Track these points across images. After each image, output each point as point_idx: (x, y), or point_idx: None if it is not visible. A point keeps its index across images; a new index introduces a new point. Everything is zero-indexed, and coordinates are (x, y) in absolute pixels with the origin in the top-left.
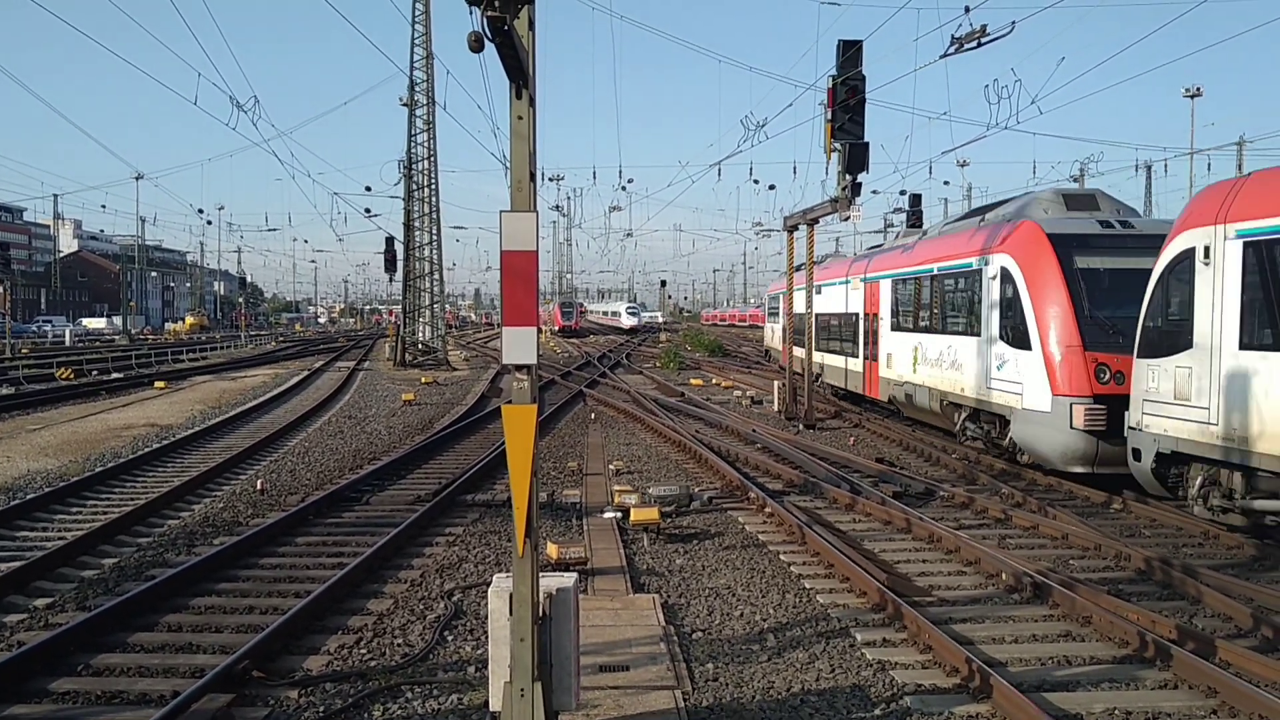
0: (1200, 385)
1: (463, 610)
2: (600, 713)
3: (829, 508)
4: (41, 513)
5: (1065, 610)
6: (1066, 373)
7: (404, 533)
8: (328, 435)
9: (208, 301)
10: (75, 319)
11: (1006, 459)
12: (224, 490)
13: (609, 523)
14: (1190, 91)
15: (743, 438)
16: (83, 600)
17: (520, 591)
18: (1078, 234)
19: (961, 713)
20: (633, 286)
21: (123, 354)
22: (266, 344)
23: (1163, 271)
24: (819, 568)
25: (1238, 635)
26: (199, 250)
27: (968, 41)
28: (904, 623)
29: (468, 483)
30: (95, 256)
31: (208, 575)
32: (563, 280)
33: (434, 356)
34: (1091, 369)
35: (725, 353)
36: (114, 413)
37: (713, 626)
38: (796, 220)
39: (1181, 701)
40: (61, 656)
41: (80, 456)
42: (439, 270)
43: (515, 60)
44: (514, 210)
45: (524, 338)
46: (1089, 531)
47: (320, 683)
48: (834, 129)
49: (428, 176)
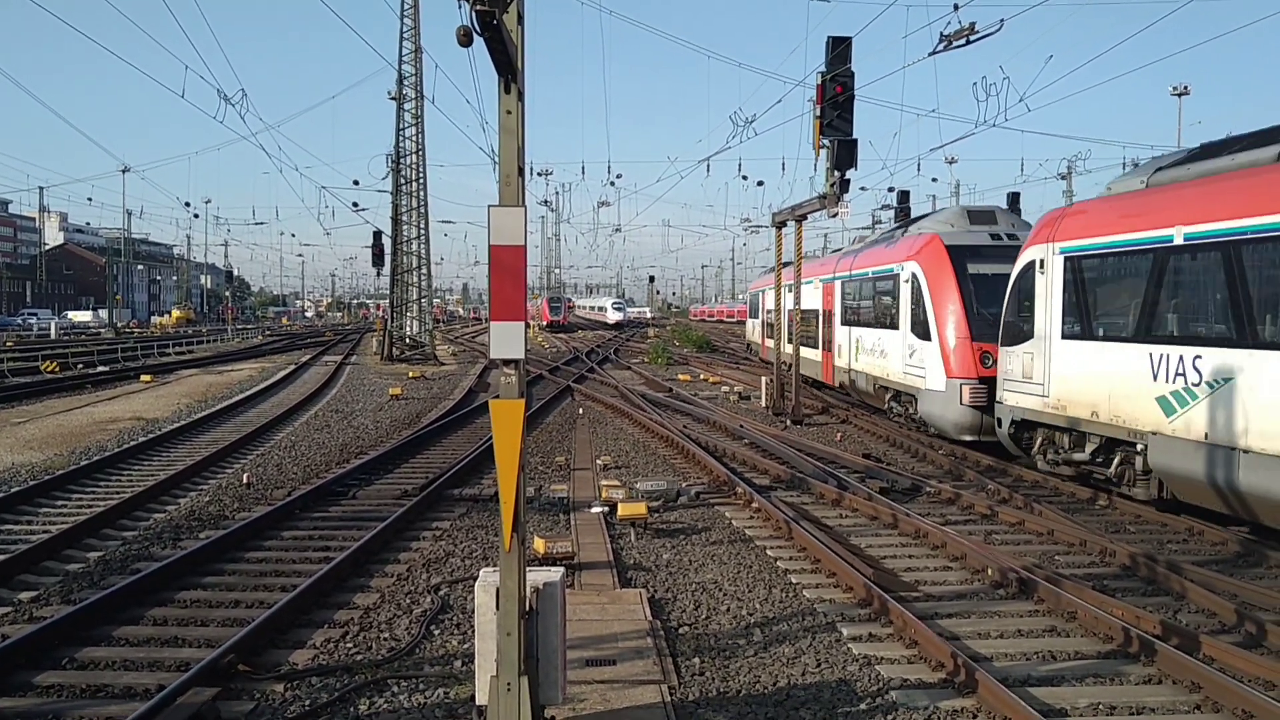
0: (1038, 367)
1: (449, 605)
2: (587, 707)
3: (816, 503)
4: (26, 506)
5: (1050, 605)
6: (958, 359)
7: (390, 527)
8: (314, 429)
9: (194, 295)
10: (61, 312)
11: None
12: (210, 484)
13: (596, 517)
14: (1178, 90)
15: (730, 433)
16: (67, 594)
17: (507, 586)
18: (971, 245)
19: (947, 707)
20: (621, 282)
21: (108, 347)
22: (253, 338)
23: (1015, 278)
24: (805, 563)
25: (1221, 631)
26: (186, 244)
27: (956, 39)
28: (890, 618)
29: (455, 477)
30: (81, 249)
31: (193, 569)
32: (551, 275)
33: (421, 351)
34: (977, 356)
35: (713, 348)
36: (99, 406)
37: (699, 621)
38: (785, 216)
39: (1165, 696)
40: (46, 650)
41: (65, 450)
42: (427, 265)
43: (504, 55)
44: (502, 205)
45: (512, 332)
46: (1074, 527)
47: (306, 677)
48: (823, 125)
49: (416, 171)
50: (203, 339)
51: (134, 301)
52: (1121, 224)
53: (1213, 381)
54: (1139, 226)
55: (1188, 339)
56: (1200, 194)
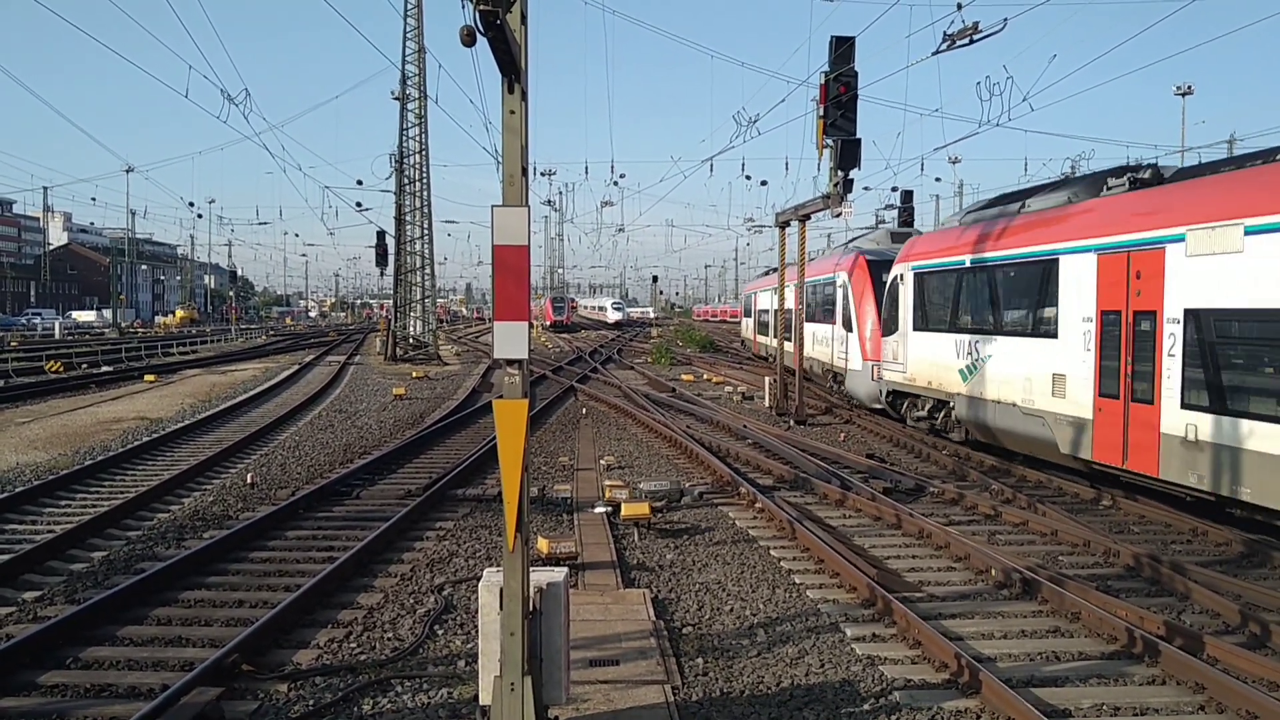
0: (901, 351)
1: (453, 605)
2: (590, 707)
3: (819, 503)
4: (30, 506)
5: (1054, 606)
6: (871, 346)
7: (394, 527)
8: (318, 429)
9: (198, 295)
10: (65, 312)
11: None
12: (214, 484)
13: (600, 518)
14: (1181, 89)
15: (733, 433)
16: (71, 593)
17: (511, 586)
18: (886, 260)
19: (950, 708)
20: (624, 282)
21: (112, 347)
22: (257, 338)
23: (890, 285)
24: (809, 563)
25: (1225, 631)
26: (189, 243)
27: (960, 38)
28: (893, 618)
29: (459, 477)
30: (85, 249)
31: (197, 569)
32: (554, 275)
33: (425, 351)
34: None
35: (716, 348)
36: (103, 406)
37: (703, 621)
38: (788, 216)
39: (1169, 697)
40: (50, 650)
41: (69, 449)
42: (430, 264)
43: (507, 54)
44: (506, 205)
45: (516, 332)
46: (1078, 528)
47: (309, 676)
48: (826, 125)
49: (419, 170)
50: (206, 339)
51: (138, 301)
52: (943, 251)
53: (982, 357)
54: (951, 253)
55: (971, 329)
56: (976, 234)
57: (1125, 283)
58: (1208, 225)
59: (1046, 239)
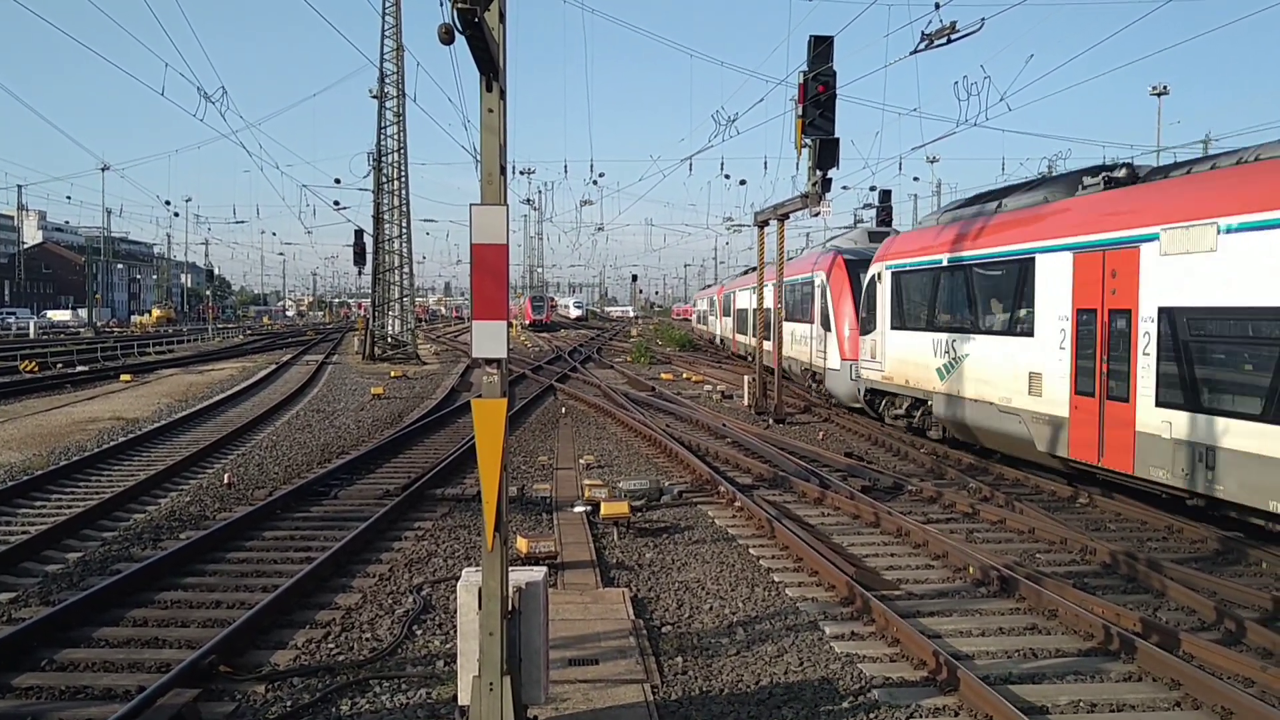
0: (879, 350)
1: (432, 605)
2: (569, 706)
3: (798, 502)
4: (4, 506)
5: (1032, 604)
6: (849, 345)
7: (372, 527)
8: (296, 429)
9: (175, 294)
10: (39, 311)
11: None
12: (190, 484)
13: (579, 517)
14: (1157, 89)
15: (713, 432)
16: (46, 595)
17: (489, 586)
18: (863, 259)
19: (929, 705)
20: (604, 281)
21: (88, 347)
22: (234, 337)
23: (867, 284)
24: (788, 561)
25: (1201, 628)
26: (166, 242)
27: (938, 38)
28: (872, 616)
29: (437, 477)
30: (60, 248)
31: (174, 569)
32: (534, 274)
33: (403, 350)
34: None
35: (695, 347)
36: (79, 406)
37: (682, 620)
38: (767, 215)
39: (1146, 694)
40: (24, 651)
41: (44, 450)
42: (409, 263)
43: (486, 53)
44: (484, 203)
45: (494, 332)
46: (1055, 525)
47: (287, 677)
48: (805, 124)
49: (397, 169)
50: (183, 338)
51: (114, 300)
52: (920, 250)
53: (959, 356)
54: (928, 252)
55: (948, 328)
56: (954, 233)
57: (1100, 281)
58: (1182, 224)
59: (1023, 238)
